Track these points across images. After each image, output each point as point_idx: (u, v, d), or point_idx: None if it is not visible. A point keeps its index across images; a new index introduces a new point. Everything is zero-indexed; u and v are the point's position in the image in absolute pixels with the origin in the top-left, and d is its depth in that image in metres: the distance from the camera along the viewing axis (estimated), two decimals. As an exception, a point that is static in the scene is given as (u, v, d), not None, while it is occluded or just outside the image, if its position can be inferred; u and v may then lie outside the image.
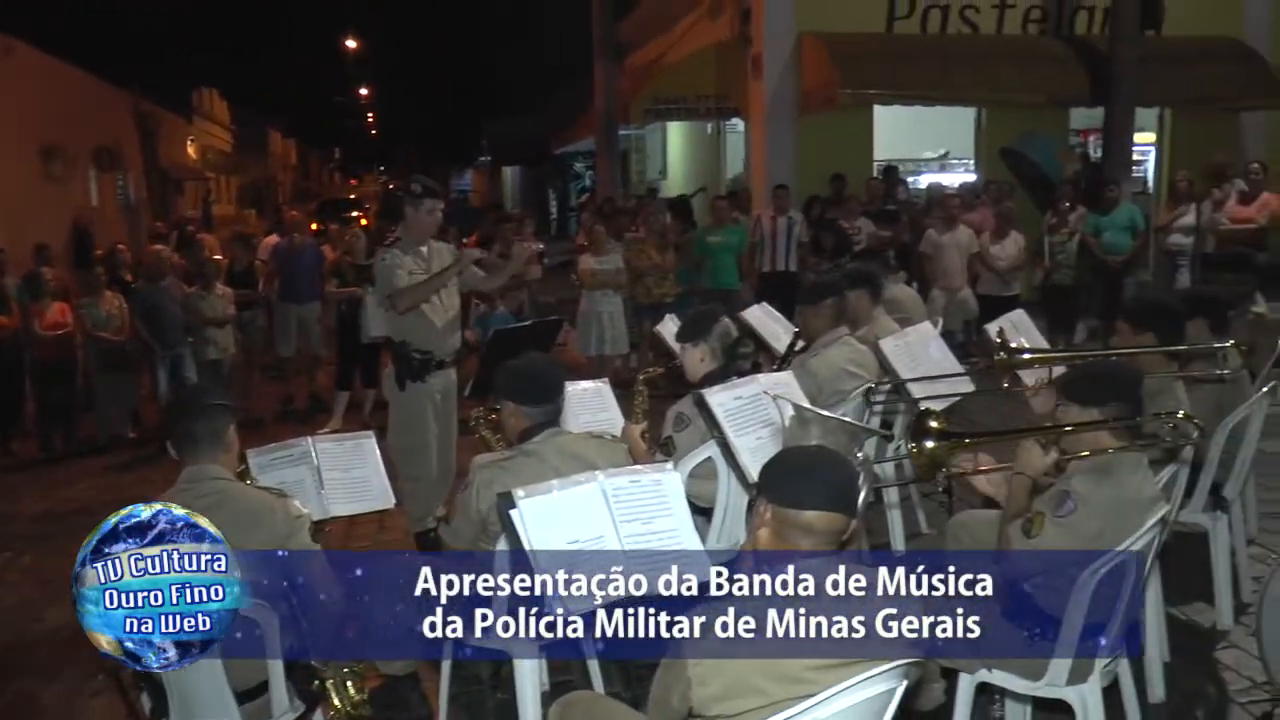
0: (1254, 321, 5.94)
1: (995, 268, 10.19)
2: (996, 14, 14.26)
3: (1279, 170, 10.87)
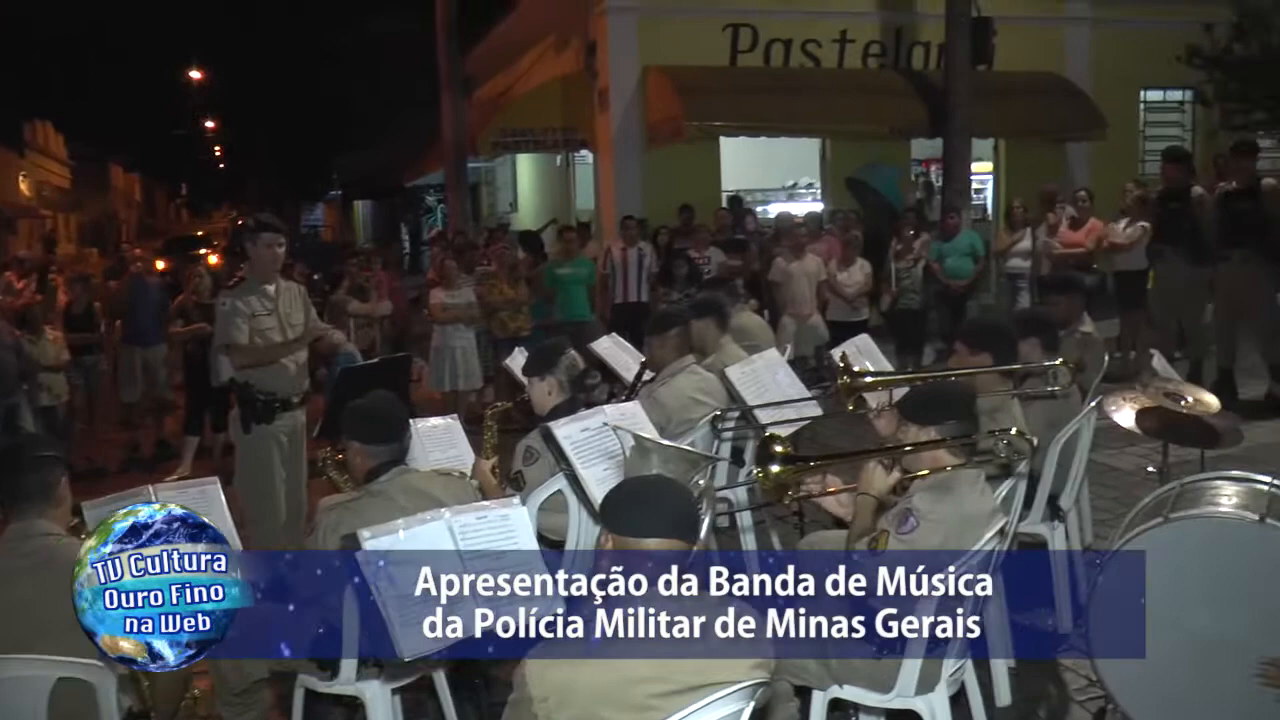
0: (1082, 340, 6.16)
1: (843, 294, 10.41)
2: (837, 48, 14.70)
3: (1104, 197, 11.36)
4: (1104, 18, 16.30)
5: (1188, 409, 4.47)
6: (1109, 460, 7.17)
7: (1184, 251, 9.45)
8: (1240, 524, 2.95)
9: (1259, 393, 9.09)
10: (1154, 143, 16.33)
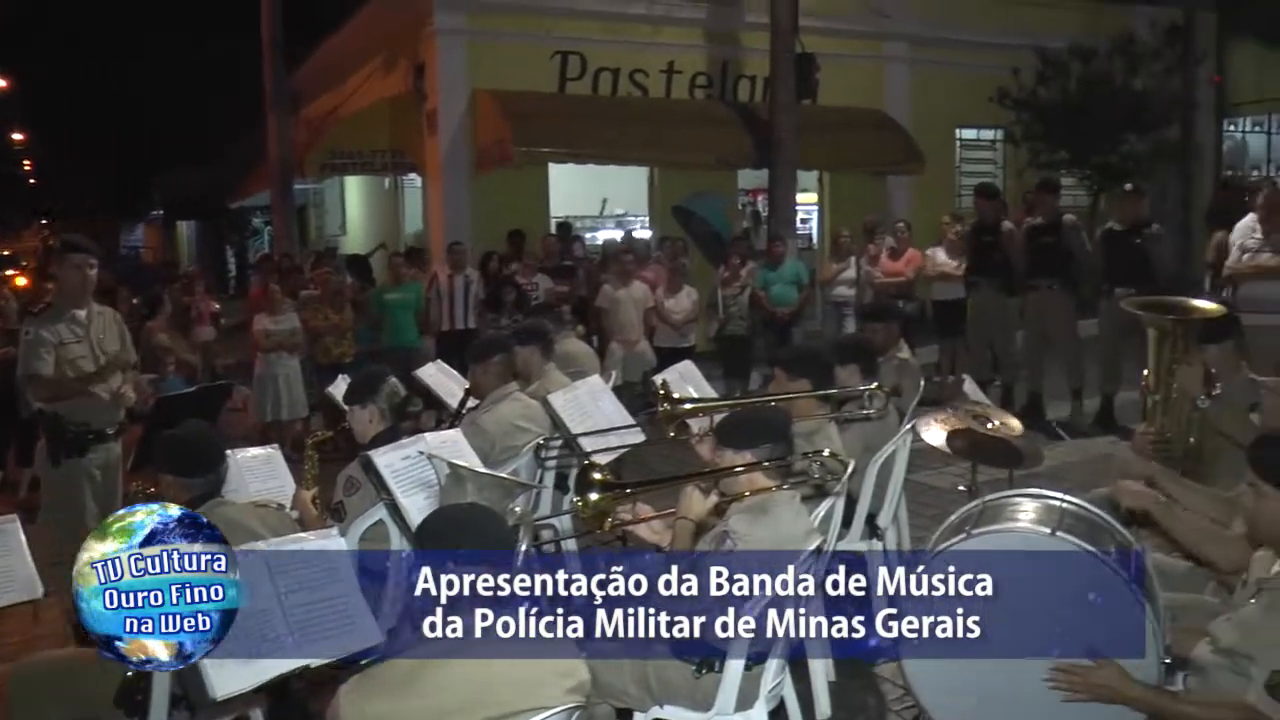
0: (900, 366, 6.37)
1: (670, 321, 10.54)
2: (665, 79, 14.88)
3: (922, 229, 11.82)
4: (922, 58, 17.00)
5: (993, 431, 4.67)
6: (927, 480, 7.41)
7: (996, 282, 9.92)
8: (1034, 536, 3.10)
9: (1065, 414, 9.58)
10: (969, 178, 17.06)
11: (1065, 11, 17.74)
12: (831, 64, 14.62)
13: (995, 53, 16.64)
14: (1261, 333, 7.78)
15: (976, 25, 17.04)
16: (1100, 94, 15.93)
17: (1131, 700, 2.91)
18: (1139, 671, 2.93)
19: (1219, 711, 2.85)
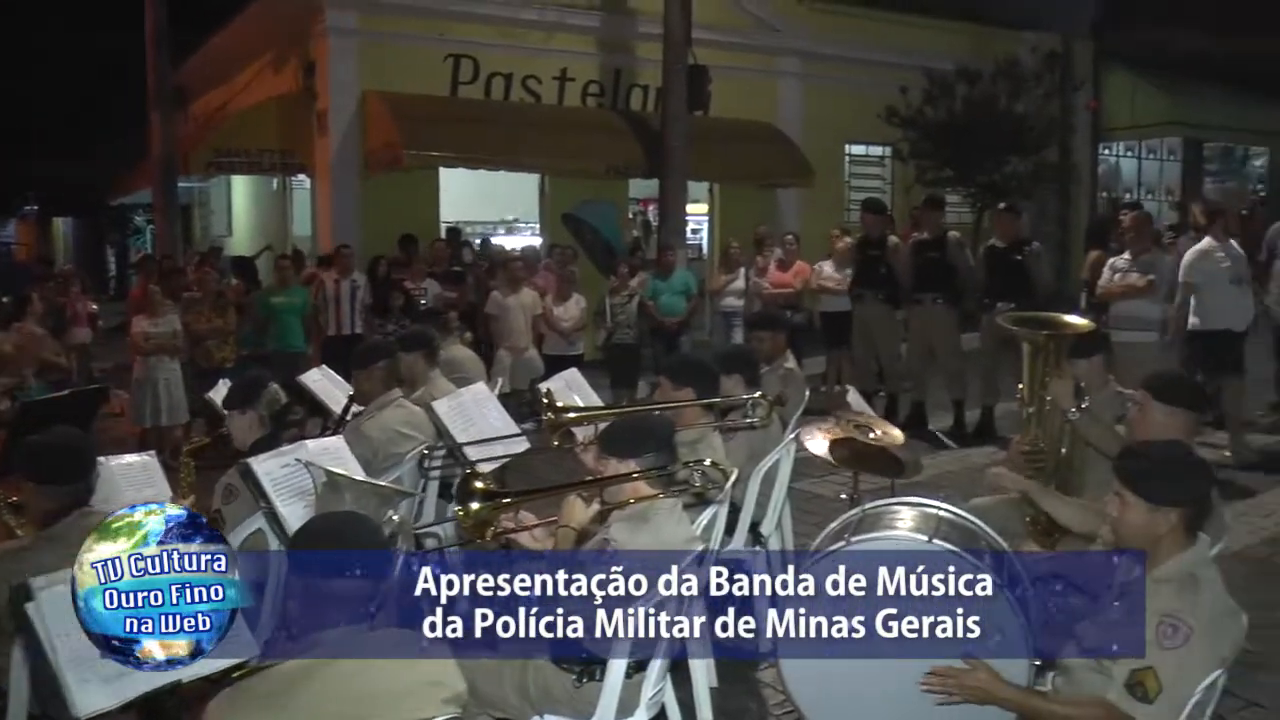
0: (785, 375, 6.45)
1: (559, 329, 10.51)
2: (558, 86, 14.87)
3: (811, 241, 11.97)
4: (813, 74, 17.27)
5: (876, 440, 4.75)
6: (811, 488, 7.50)
7: (881, 295, 10.10)
8: (911, 544, 3.16)
9: (947, 424, 9.80)
10: (858, 193, 17.33)
11: (952, 35, 18.24)
12: (723, 76, 14.78)
13: (885, 71, 17.02)
14: (1130, 349, 8.10)
15: (867, 44, 17.41)
16: (984, 115, 16.43)
17: (1002, 701, 2.99)
18: (1010, 673, 3.00)
19: (1082, 710, 2.94)
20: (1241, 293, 8.72)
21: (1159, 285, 8.65)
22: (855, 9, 17.43)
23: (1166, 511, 2.93)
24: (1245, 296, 8.80)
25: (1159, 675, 2.77)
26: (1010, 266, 9.28)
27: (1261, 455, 8.69)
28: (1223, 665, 2.83)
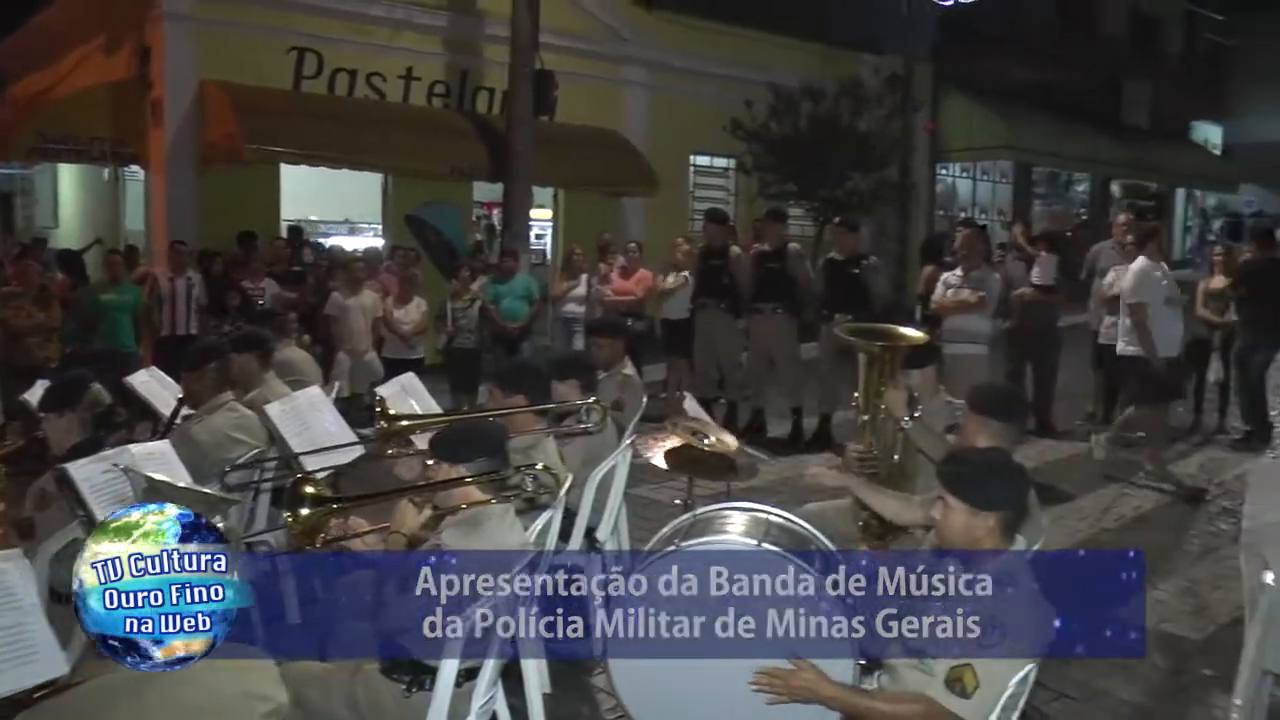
0: (623, 381, 6.48)
1: (399, 332, 10.35)
2: (403, 84, 14.65)
3: (654, 250, 12.03)
4: (660, 84, 17.46)
5: (711, 447, 4.80)
6: (649, 494, 7.53)
7: (722, 303, 10.24)
8: (741, 548, 3.20)
9: (785, 431, 9.99)
10: (702, 203, 17.53)
11: (798, 53, 18.67)
12: (570, 82, 14.80)
13: (731, 85, 17.31)
14: (960, 361, 8.40)
15: (713, 57, 17.68)
16: (827, 133, 16.84)
17: (828, 699, 3.06)
18: (836, 672, 3.07)
19: (904, 706, 3.03)
20: (1174, 316, 8.61)
21: (989, 301, 8.99)
22: (703, 22, 17.66)
23: (986, 515, 3.04)
24: (1177, 321, 8.68)
25: (976, 672, 2.86)
26: (848, 279, 9.53)
27: (1179, 485, 8.68)
28: (1034, 659, 2.93)
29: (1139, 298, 8.46)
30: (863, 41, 19.70)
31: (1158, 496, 8.58)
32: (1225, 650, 4.73)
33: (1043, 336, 10.62)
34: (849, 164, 17.02)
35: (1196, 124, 33.01)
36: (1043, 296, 10.57)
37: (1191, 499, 8.38)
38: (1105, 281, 10.46)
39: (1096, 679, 5.26)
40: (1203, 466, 9.52)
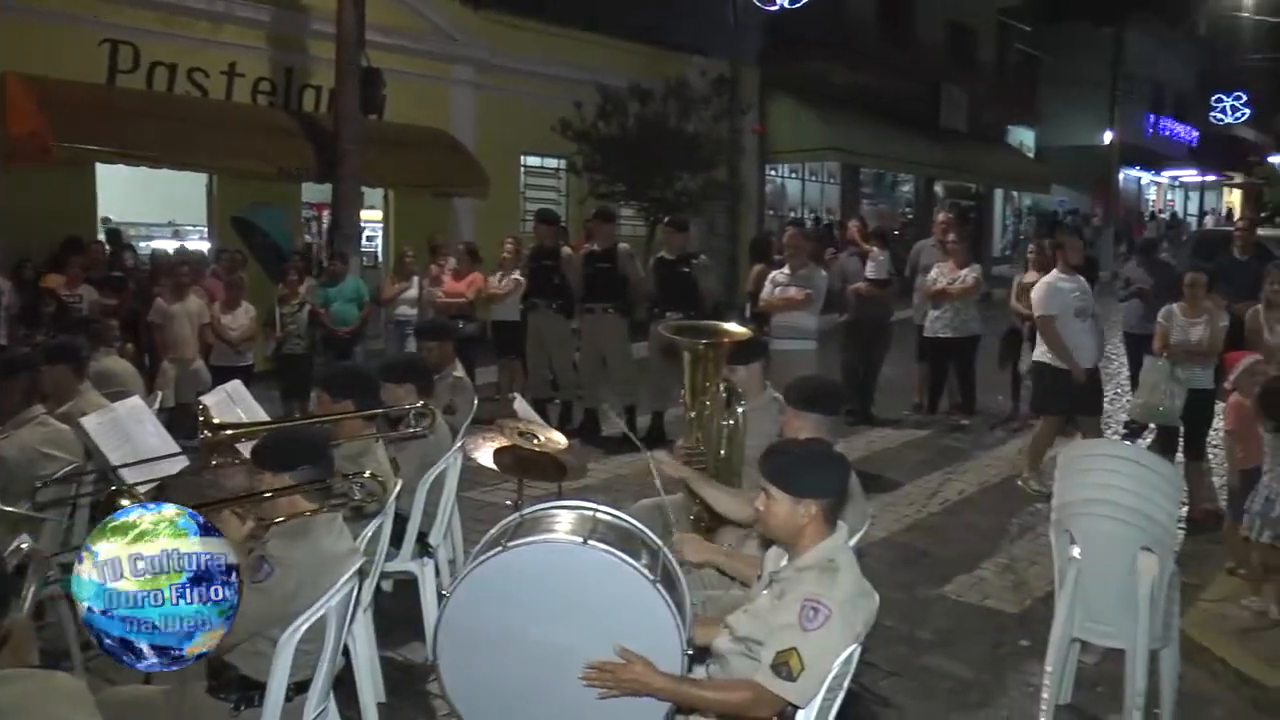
0: (454, 384, 6.46)
1: (227, 338, 10.05)
2: (226, 80, 14.21)
3: (486, 251, 11.92)
4: (488, 84, 17.40)
5: (539, 447, 4.82)
6: (484, 496, 7.53)
7: (554, 304, 10.27)
8: (567, 546, 3.23)
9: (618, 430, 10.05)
10: (533, 203, 17.67)
11: (626, 54, 18.83)
12: (398, 81, 14.64)
13: (560, 85, 17.36)
14: (787, 356, 8.62)
15: (542, 58, 17.72)
16: (656, 133, 17.01)
17: (658, 691, 3.10)
18: (665, 664, 3.12)
19: (731, 692, 3.09)
20: (1085, 328, 8.33)
21: (816, 298, 9.23)
22: (531, 22, 17.68)
23: (807, 503, 3.13)
24: (1089, 332, 8.37)
25: (801, 655, 2.94)
26: (678, 278, 9.67)
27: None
28: (857, 640, 3.04)
29: (1046, 310, 8.27)
30: (690, 44, 20.01)
31: (980, 481, 8.99)
32: (1041, 622, 5.00)
33: (876, 329, 11.00)
34: (678, 164, 17.25)
35: (1012, 128, 34.60)
36: (877, 291, 10.93)
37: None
38: (929, 277, 10.90)
39: (921, 655, 5.50)
40: (1020, 451, 9.95)
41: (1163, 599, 4.54)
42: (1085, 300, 8.31)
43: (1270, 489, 5.85)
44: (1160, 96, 43.30)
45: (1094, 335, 8.36)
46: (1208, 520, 7.60)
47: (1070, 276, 8.38)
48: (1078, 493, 4.75)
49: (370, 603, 4.56)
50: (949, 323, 10.71)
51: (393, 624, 5.30)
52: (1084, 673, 5.10)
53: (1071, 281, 8.35)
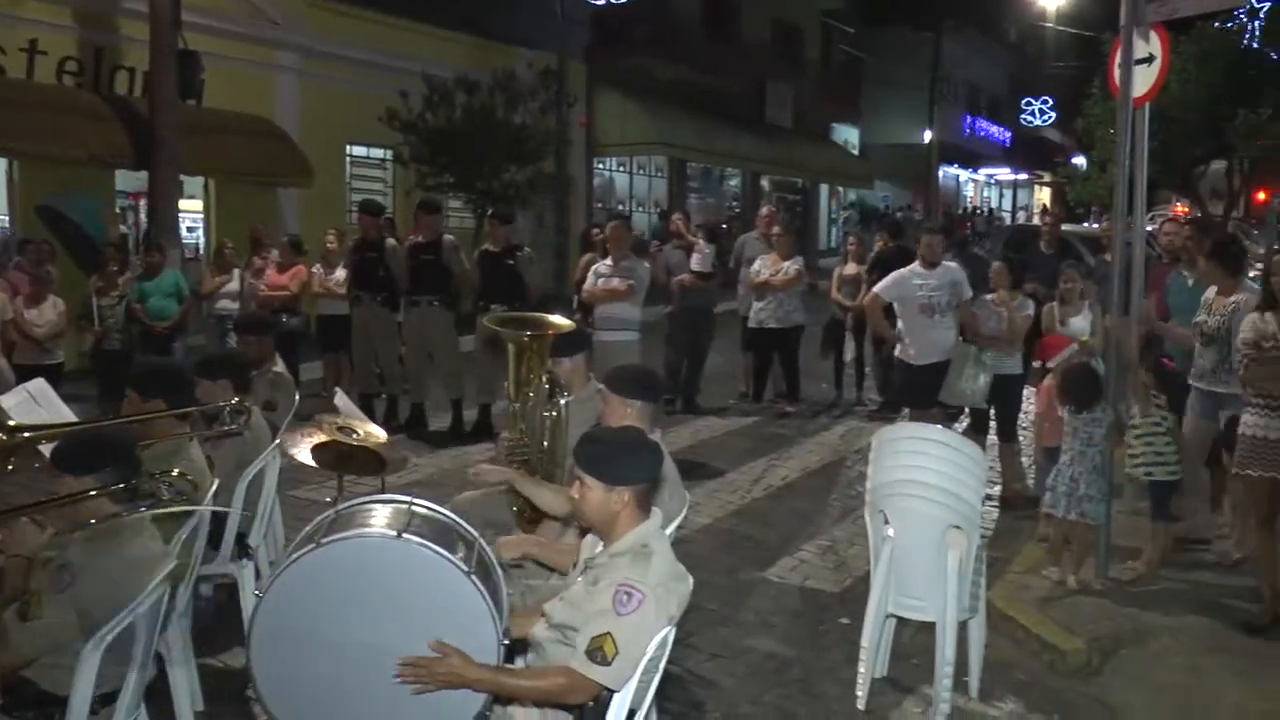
0: (274, 379, 6.31)
1: (32, 335, 9.54)
2: (26, 58, 13.47)
3: (312, 243, 11.62)
4: (313, 71, 17.02)
5: (358, 441, 4.76)
6: (309, 494, 7.36)
7: (379, 297, 10.11)
8: (382, 540, 3.20)
9: (446, 424, 9.99)
10: (359, 194, 17.39)
11: (452, 45, 18.69)
12: (219, 66, 14.19)
13: (386, 74, 17.12)
14: (612, 347, 8.70)
15: (367, 45, 17.45)
16: (483, 124, 16.89)
17: (474, 683, 3.09)
18: (482, 656, 3.12)
19: (546, 679, 3.13)
20: (932, 323, 8.36)
21: (639, 289, 9.34)
22: (355, 9, 17.39)
23: (620, 490, 3.18)
24: (933, 328, 8.37)
25: (616, 639, 2.98)
26: (503, 270, 9.64)
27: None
28: (671, 623, 3.10)
29: (881, 292, 8.61)
30: (517, 36, 19.98)
31: (804, 466, 9.25)
32: (860, 600, 5.17)
33: (701, 320, 11.18)
34: (505, 156, 17.17)
35: (836, 126, 35.63)
36: (701, 283, 11.11)
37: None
38: (753, 270, 11.15)
39: (744, 637, 5.64)
40: (843, 436, 10.29)
41: (970, 573, 4.77)
42: (935, 296, 8.37)
43: (1073, 468, 6.22)
44: (976, 99, 45.35)
45: (943, 332, 8.34)
46: (1017, 499, 7.99)
47: (928, 272, 8.48)
48: (890, 474, 4.95)
49: (187, 608, 4.42)
50: (773, 314, 10.99)
51: (212, 629, 5.16)
52: (900, 646, 5.31)
53: (925, 277, 8.47)
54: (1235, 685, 5.11)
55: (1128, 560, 6.43)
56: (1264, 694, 5.02)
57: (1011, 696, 5.04)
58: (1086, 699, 5.03)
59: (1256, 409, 5.59)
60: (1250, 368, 5.61)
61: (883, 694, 4.98)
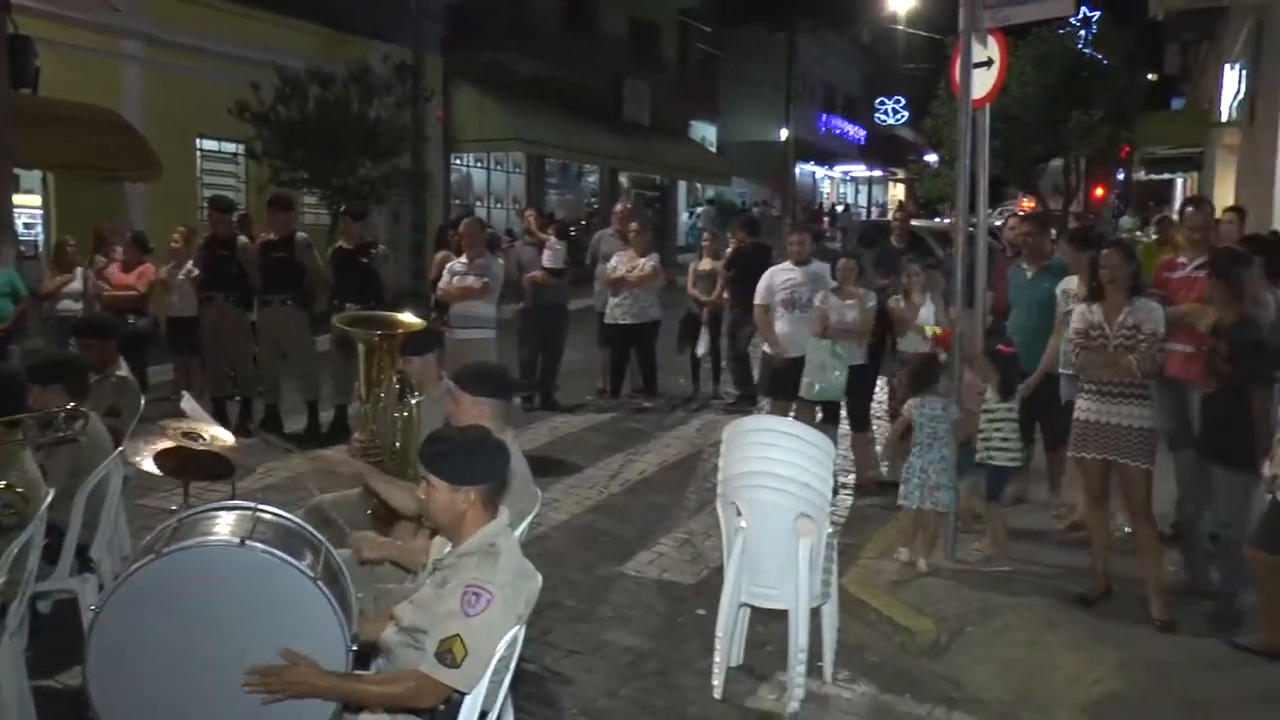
0: (118, 384, 6.08)
1: None
2: None
3: (161, 240, 11.23)
4: (158, 60, 16.50)
5: (205, 446, 4.65)
6: (160, 503, 7.01)
7: (232, 296, 9.84)
8: (224, 548, 3.14)
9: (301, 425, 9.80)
10: (211, 190, 17.01)
11: (304, 35, 18.31)
12: (55, 53, 13.55)
13: (236, 65, 16.70)
14: (467, 345, 8.68)
15: (215, 33, 17.02)
16: (338, 119, 16.57)
17: (322, 691, 3.07)
18: (330, 662, 3.09)
19: (395, 685, 3.11)
20: (794, 318, 8.55)
21: (493, 287, 9.31)
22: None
23: (466, 490, 3.18)
24: (797, 322, 8.54)
25: (465, 641, 2.98)
26: (357, 268, 9.49)
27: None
28: (520, 622, 3.12)
29: (758, 299, 8.80)
30: (371, 28, 19.65)
31: (661, 460, 9.34)
32: (716, 591, 5.23)
33: (553, 317, 11.19)
34: (360, 151, 16.87)
35: (694, 123, 35.99)
36: (553, 279, 11.12)
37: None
38: (609, 266, 11.21)
39: (602, 632, 5.69)
40: (700, 430, 10.42)
41: (821, 560, 4.90)
42: (797, 292, 8.61)
43: (922, 459, 6.45)
44: (832, 98, 46.40)
45: (805, 326, 8.46)
46: (870, 486, 8.22)
47: (789, 269, 8.74)
48: (740, 466, 5.04)
49: (21, 627, 4.24)
50: (629, 309, 11.07)
51: (51, 648, 4.95)
52: (755, 634, 5.42)
53: (787, 273, 8.72)
54: (1071, 656, 5.37)
55: (974, 544, 6.71)
56: (1094, 664, 5.29)
57: (864, 678, 5.19)
58: (935, 676, 5.21)
59: (1089, 394, 5.86)
60: (1081, 356, 5.88)
61: (738, 682, 5.07)
